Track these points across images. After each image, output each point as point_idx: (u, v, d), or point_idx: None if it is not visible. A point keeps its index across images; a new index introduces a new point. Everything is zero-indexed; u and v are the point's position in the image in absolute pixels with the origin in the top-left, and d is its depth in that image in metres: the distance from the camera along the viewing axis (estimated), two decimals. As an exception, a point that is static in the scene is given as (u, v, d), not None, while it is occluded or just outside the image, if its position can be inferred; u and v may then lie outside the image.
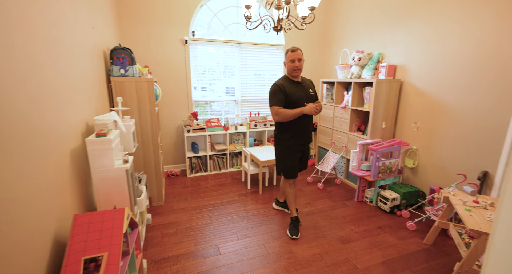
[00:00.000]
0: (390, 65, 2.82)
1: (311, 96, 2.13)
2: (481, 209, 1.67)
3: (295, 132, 2.13)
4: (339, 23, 3.74)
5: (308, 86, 2.15)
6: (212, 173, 3.65)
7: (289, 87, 2.07)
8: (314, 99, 2.15)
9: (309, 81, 2.22)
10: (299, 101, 2.06)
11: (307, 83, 2.18)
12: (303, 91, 2.10)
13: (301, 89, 2.10)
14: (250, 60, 3.79)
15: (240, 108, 3.92)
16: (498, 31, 1.98)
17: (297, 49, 2.03)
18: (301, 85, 2.12)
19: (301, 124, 2.11)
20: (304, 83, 2.14)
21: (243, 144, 3.79)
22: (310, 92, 2.13)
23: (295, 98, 2.06)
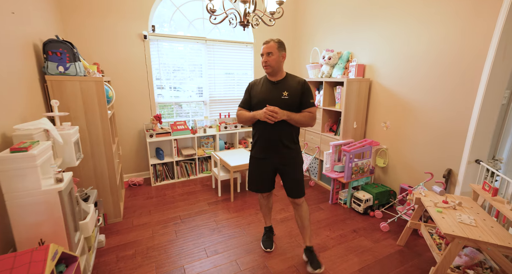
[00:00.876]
0: (359, 65, 2.80)
1: (282, 101, 1.65)
2: (451, 210, 1.67)
3: (256, 141, 1.81)
4: (308, 21, 3.68)
5: (285, 88, 1.68)
6: (179, 180, 3.37)
7: (258, 87, 1.77)
8: (286, 104, 1.65)
9: (294, 82, 1.69)
10: (260, 104, 1.69)
11: (287, 84, 1.69)
12: (274, 93, 1.68)
13: (273, 91, 1.70)
14: (218, 58, 3.57)
15: (209, 110, 3.68)
16: (461, 34, 2.01)
17: (269, 41, 1.64)
18: (276, 85, 1.71)
19: (263, 133, 1.73)
20: (281, 84, 1.70)
21: (212, 147, 3.56)
22: (283, 95, 1.66)
23: (256, 100, 1.73)
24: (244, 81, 3.85)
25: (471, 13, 1.94)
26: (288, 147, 1.74)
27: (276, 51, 1.64)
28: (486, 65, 1.88)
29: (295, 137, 1.78)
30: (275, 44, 1.64)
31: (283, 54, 1.68)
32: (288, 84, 1.70)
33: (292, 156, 1.77)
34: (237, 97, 3.85)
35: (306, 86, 1.68)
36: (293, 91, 1.67)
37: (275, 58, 1.64)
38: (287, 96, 1.66)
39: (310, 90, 1.70)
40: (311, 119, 1.69)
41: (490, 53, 1.85)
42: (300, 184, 1.82)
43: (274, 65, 1.65)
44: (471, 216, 1.58)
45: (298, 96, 1.67)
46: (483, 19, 1.87)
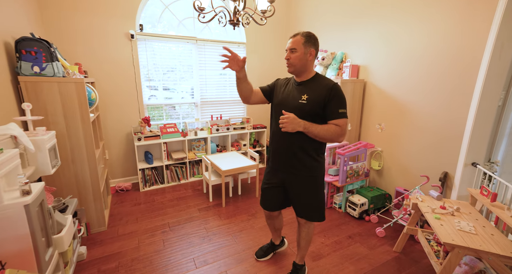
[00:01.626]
0: (353, 65, 2.74)
1: (299, 106, 1.36)
2: (449, 216, 1.60)
3: (273, 152, 1.55)
4: (301, 20, 3.60)
5: (307, 91, 1.38)
6: (170, 184, 3.25)
7: (282, 85, 1.52)
8: (303, 110, 1.35)
9: (321, 84, 1.36)
10: (278, 106, 1.47)
11: (311, 86, 1.39)
12: (294, 96, 1.41)
13: (293, 93, 1.43)
14: (209, 59, 3.46)
15: (200, 112, 3.57)
16: (457, 36, 1.96)
17: (296, 34, 1.37)
18: (298, 87, 1.43)
19: (274, 136, 1.51)
20: (304, 86, 1.41)
21: (204, 150, 3.45)
22: (301, 100, 1.36)
23: (276, 101, 1.50)
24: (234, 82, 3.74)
25: (466, 14, 1.88)
26: (302, 159, 1.41)
27: (301, 47, 1.34)
28: (482, 66, 1.83)
29: (318, 147, 1.42)
30: (301, 38, 1.34)
31: (311, 51, 1.36)
32: (311, 86, 1.38)
33: (306, 174, 1.43)
34: (229, 99, 3.75)
35: (335, 92, 1.31)
36: (315, 96, 1.34)
37: (298, 56, 1.35)
38: (305, 101, 1.35)
39: (342, 97, 1.32)
40: (337, 135, 1.31)
41: (486, 54, 1.79)
42: (315, 209, 1.51)
43: (297, 63, 1.36)
44: (470, 223, 1.51)
45: (321, 102, 1.32)
46: (479, 21, 1.82)
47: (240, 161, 2.87)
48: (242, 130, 3.64)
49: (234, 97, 3.77)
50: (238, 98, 3.81)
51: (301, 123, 1.31)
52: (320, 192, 1.51)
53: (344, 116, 1.33)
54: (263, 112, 4.05)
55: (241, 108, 3.88)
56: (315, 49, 1.38)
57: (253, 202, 2.82)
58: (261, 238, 2.18)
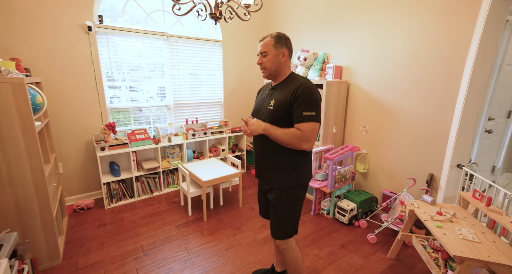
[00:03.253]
0: (336, 66, 2.64)
1: (267, 113, 1.26)
2: (448, 223, 1.54)
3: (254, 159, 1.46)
4: (281, 19, 3.44)
5: (275, 96, 1.26)
6: (141, 198, 2.84)
7: (260, 92, 1.46)
8: (271, 116, 1.23)
9: (288, 88, 1.22)
10: (253, 114, 1.37)
11: (280, 91, 1.26)
12: (266, 102, 1.30)
13: (266, 98, 1.33)
14: (182, 57, 3.11)
15: (174, 115, 3.21)
16: (441, 37, 1.93)
17: (266, 37, 1.27)
18: (271, 92, 1.31)
19: (254, 148, 1.40)
20: (276, 90, 1.29)
21: (179, 158, 3.10)
22: (269, 106, 1.26)
23: (253, 109, 1.41)
24: (212, 83, 3.45)
25: (450, 18, 1.86)
26: (276, 169, 1.27)
27: (271, 50, 1.23)
28: (466, 69, 1.82)
29: (296, 156, 1.25)
30: (271, 40, 1.24)
31: (283, 51, 1.25)
32: (281, 89, 1.26)
33: (280, 185, 1.28)
34: (205, 101, 3.43)
35: (300, 93, 1.15)
36: (280, 100, 1.21)
37: (270, 58, 1.24)
38: (272, 107, 1.24)
39: (307, 99, 1.15)
40: (298, 140, 1.15)
41: (470, 57, 1.78)
42: (282, 224, 1.34)
43: (270, 67, 1.25)
44: (471, 230, 1.46)
45: (287, 106, 1.18)
46: (462, 24, 1.80)
47: (222, 169, 2.60)
48: (221, 134, 3.36)
49: (210, 98, 3.47)
50: (214, 99, 3.52)
51: (262, 125, 1.23)
52: (292, 208, 1.32)
53: (309, 119, 1.15)
54: (243, 115, 3.80)
55: (218, 110, 3.59)
56: (288, 49, 1.27)
57: (237, 213, 2.57)
58: (251, 255, 1.95)
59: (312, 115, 1.15)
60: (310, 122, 1.15)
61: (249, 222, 2.41)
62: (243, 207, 2.71)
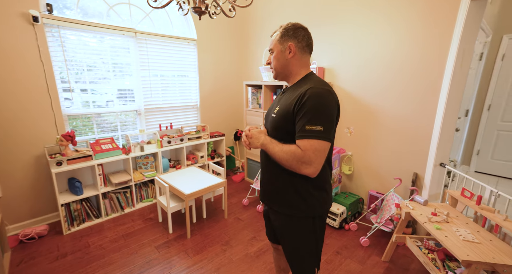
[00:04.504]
0: (319, 68, 2.58)
1: (271, 121, 1.05)
2: (445, 224, 1.54)
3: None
4: (261, 18, 3.29)
5: (281, 102, 1.04)
6: (110, 217, 2.46)
7: (278, 95, 1.19)
8: (274, 126, 1.02)
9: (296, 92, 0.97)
10: (264, 119, 1.17)
11: (290, 95, 1.01)
12: (274, 106, 1.09)
13: (276, 102, 1.11)
14: (153, 56, 2.78)
15: (145, 121, 2.85)
16: (424, 39, 1.96)
17: (274, 32, 1.07)
18: (281, 96, 1.09)
19: (260, 162, 1.17)
20: (287, 94, 1.04)
21: (153, 168, 2.77)
22: (273, 113, 1.04)
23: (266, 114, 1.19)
24: (187, 85, 3.16)
25: (430, 22, 1.89)
26: (281, 194, 1.04)
27: (277, 46, 1.03)
28: (447, 71, 1.87)
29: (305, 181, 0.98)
30: (277, 34, 1.03)
31: (290, 46, 1.01)
32: (290, 93, 1.02)
33: (290, 213, 1.03)
34: (179, 104, 3.13)
35: (306, 100, 0.90)
36: (284, 107, 0.98)
37: (276, 56, 1.04)
38: (275, 114, 1.02)
39: (315, 108, 0.89)
40: (296, 161, 0.89)
41: (450, 61, 1.84)
42: (294, 261, 1.11)
43: (276, 66, 1.06)
44: (467, 230, 1.47)
45: (289, 115, 0.94)
46: (442, 28, 1.85)
47: (204, 179, 2.36)
48: (198, 140, 3.10)
49: (185, 102, 3.18)
50: (190, 103, 3.24)
51: (261, 139, 1.00)
52: (309, 240, 1.06)
53: (312, 136, 0.87)
54: (221, 119, 3.58)
55: (194, 114, 3.31)
56: (295, 42, 1.01)
57: (223, 226, 2.35)
58: (245, 273, 1.77)
59: (318, 131, 0.87)
60: (313, 139, 0.87)
61: (238, 235, 2.22)
62: (228, 218, 2.50)
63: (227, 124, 3.69)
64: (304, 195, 1.01)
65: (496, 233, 1.46)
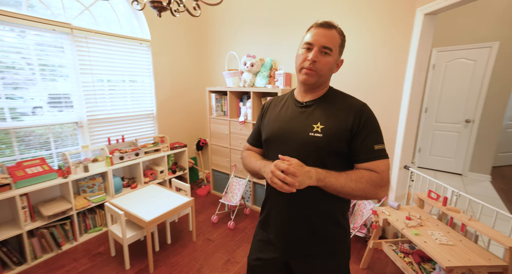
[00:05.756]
0: (286, 73, 2.50)
1: (309, 141, 0.83)
2: (420, 228, 1.57)
3: (265, 204, 0.99)
4: (223, 20, 3.08)
5: (320, 115, 0.85)
6: (40, 260, 1.92)
7: (275, 110, 0.97)
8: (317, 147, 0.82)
9: (343, 104, 0.87)
10: (269, 141, 0.93)
11: (326, 110, 0.86)
12: (297, 124, 0.87)
13: (296, 118, 0.88)
14: (97, 58, 2.33)
15: (89, 134, 2.37)
16: (384, 46, 2.04)
17: (332, 25, 0.83)
18: (306, 110, 0.88)
19: (275, 196, 0.92)
20: (317, 109, 0.87)
21: (102, 190, 2.30)
22: (313, 130, 0.83)
23: (266, 133, 0.95)
24: (141, 92, 2.76)
25: (392, 27, 1.98)
26: (319, 229, 0.87)
27: (336, 50, 0.83)
28: (407, 77, 1.97)
29: (343, 205, 0.90)
30: (339, 36, 0.84)
31: (341, 61, 0.90)
32: (327, 108, 0.86)
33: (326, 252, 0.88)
34: (133, 113, 2.71)
35: (368, 118, 0.83)
36: (335, 124, 0.82)
37: (330, 61, 0.83)
38: (321, 133, 0.81)
39: (377, 126, 0.85)
40: (375, 186, 0.78)
41: (410, 68, 1.94)
42: None
43: (325, 73, 0.84)
44: (440, 232, 1.52)
45: (346, 135, 0.81)
46: (402, 36, 1.94)
47: (167, 198, 2.04)
48: (157, 153, 2.72)
49: (139, 110, 2.77)
50: (145, 111, 2.84)
51: (312, 173, 0.75)
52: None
53: (383, 156, 0.82)
54: (181, 128, 3.24)
55: (150, 124, 2.91)
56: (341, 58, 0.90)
57: (192, 251, 2.06)
58: (223, 309, 1.53)
59: (384, 150, 0.82)
60: (385, 159, 0.81)
61: (210, 259, 1.96)
62: (197, 240, 2.22)
63: (189, 133, 3.37)
64: (340, 226, 0.89)
65: (462, 231, 1.54)
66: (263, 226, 0.99)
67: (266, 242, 0.96)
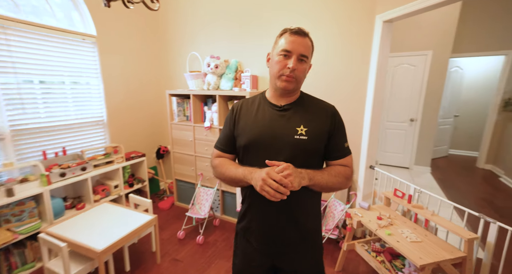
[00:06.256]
0: (253, 76, 2.40)
1: (296, 143, 0.85)
2: (391, 227, 1.62)
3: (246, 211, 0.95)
4: (183, 17, 2.83)
5: (301, 118, 0.88)
6: None
7: (249, 114, 0.93)
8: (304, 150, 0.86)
9: (318, 110, 0.92)
10: (253, 147, 0.89)
11: (304, 111, 0.91)
12: (280, 127, 0.87)
13: (278, 122, 0.88)
14: (22, 54, 1.88)
15: (14, 149, 1.89)
16: (348, 50, 2.08)
17: (304, 33, 0.85)
18: (283, 113, 0.90)
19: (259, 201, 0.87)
20: (296, 111, 0.90)
21: (36, 217, 1.86)
22: (298, 133, 0.85)
23: (246, 138, 0.90)
24: (87, 95, 2.34)
25: (354, 33, 2.03)
26: (304, 229, 0.92)
27: (310, 57, 0.89)
28: (370, 81, 2.05)
29: (317, 205, 0.98)
30: (311, 44, 0.88)
31: (311, 66, 0.94)
32: (305, 111, 0.91)
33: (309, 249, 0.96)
34: (77, 121, 2.29)
35: (339, 119, 0.94)
36: (316, 126, 0.88)
37: (306, 68, 0.88)
38: (306, 135, 0.85)
39: (344, 126, 0.96)
40: (347, 180, 0.89)
41: (372, 73, 2.02)
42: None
43: (301, 79, 0.88)
44: (409, 229, 1.58)
45: (325, 136, 0.88)
46: (364, 42, 2.01)
47: (123, 219, 1.75)
48: (110, 166, 2.35)
49: (85, 117, 2.35)
50: (93, 118, 2.43)
51: (304, 173, 0.80)
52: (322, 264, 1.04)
53: (350, 151, 0.96)
54: (138, 135, 2.88)
55: (100, 132, 2.50)
56: None
57: (157, 277, 1.80)
58: None
59: (349, 146, 0.96)
60: (351, 154, 0.96)
61: (179, 284, 1.73)
62: (162, 262, 1.96)
63: (147, 141, 3.02)
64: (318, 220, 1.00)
65: (426, 227, 1.63)
66: (245, 233, 0.97)
67: (250, 249, 0.96)
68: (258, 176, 0.76)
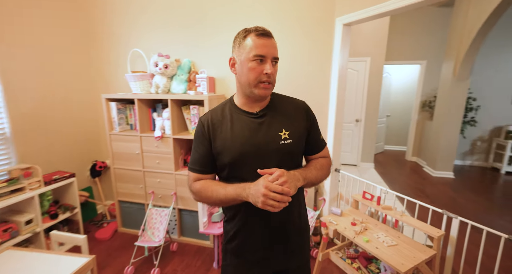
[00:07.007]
0: (210, 77, 2.12)
1: (282, 148, 0.82)
2: (366, 232, 1.57)
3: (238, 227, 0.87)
4: (120, 8, 2.32)
5: (282, 123, 0.85)
6: None
7: (225, 126, 0.84)
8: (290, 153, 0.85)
9: (293, 108, 0.90)
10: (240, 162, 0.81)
11: (278, 113, 0.87)
12: (262, 135, 0.82)
13: (258, 130, 0.82)
14: None
15: None
16: (309, 54, 2.01)
17: (269, 33, 0.79)
18: (260, 119, 0.84)
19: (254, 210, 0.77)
20: (272, 115, 0.85)
21: None
22: (281, 137, 0.82)
23: (233, 152, 0.81)
24: (-26, 99, 1.66)
25: (315, 35, 1.98)
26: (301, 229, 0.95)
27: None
28: (332, 84, 2.02)
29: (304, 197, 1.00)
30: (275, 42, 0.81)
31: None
32: (280, 113, 0.87)
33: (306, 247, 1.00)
34: (-43, 136, 1.59)
35: (312, 113, 0.94)
36: (297, 125, 0.87)
37: (277, 70, 0.83)
38: (290, 138, 0.84)
39: (316, 119, 0.96)
40: (329, 170, 0.93)
41: (334, 75, 1.99)
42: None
43: (275, 82, 0.82)
44: (383, 233, 1.55)
45: (304, 135, 0.89)
46: (325, 44, 1.97)
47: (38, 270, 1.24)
48: (18, 194, 1.72)
49: (-27, 130, 1.66)
50: (-13, 131, 1.74)
51: (297, 175, 0.78)
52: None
53: (325, 142, 0.99)
54: (62, 150, 2.24)
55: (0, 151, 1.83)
56: None
57: None
58: None
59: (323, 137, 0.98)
60: (326, 144, 0.99)
61: None
62: (105, 315, 1.49)
63: (77, 157, 2.40)
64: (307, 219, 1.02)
65: (396, 227, 1.65)
66: (238, 253, 0.90)
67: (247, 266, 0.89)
68: (255, 192, 0.69)
